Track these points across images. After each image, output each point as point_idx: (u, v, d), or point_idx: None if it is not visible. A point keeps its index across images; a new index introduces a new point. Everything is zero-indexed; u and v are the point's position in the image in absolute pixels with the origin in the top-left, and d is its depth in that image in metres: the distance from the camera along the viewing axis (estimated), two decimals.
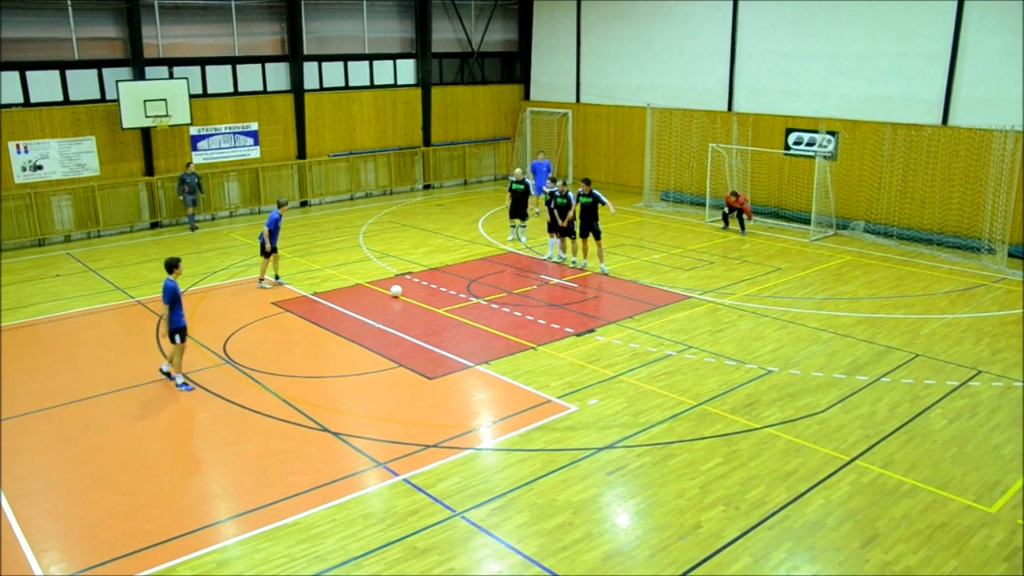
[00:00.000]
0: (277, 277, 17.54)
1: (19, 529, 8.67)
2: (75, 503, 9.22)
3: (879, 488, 9.21)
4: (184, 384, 12.20)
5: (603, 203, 17.44)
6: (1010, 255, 18.54)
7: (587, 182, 17.72)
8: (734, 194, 21.61)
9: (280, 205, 17.42)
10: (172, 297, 11.88)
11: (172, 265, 12.14)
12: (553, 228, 18.60)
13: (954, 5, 19.45)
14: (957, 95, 19.79)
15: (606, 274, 17.64)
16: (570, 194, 18.06)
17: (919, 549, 8.09)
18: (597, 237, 17.71)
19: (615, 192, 27.02)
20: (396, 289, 16.47)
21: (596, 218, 17.61)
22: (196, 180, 22.84)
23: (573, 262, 18.43)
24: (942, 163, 20.00)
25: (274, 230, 16.99)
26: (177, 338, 12.04)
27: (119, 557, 8.16)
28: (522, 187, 20.20)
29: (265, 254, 17.18)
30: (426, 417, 11.25)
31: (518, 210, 20.39)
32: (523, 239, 20.82)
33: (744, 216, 21.65)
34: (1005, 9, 18.68)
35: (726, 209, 21.94)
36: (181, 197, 22.87)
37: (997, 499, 8.96)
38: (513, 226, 20.82)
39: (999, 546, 8.13)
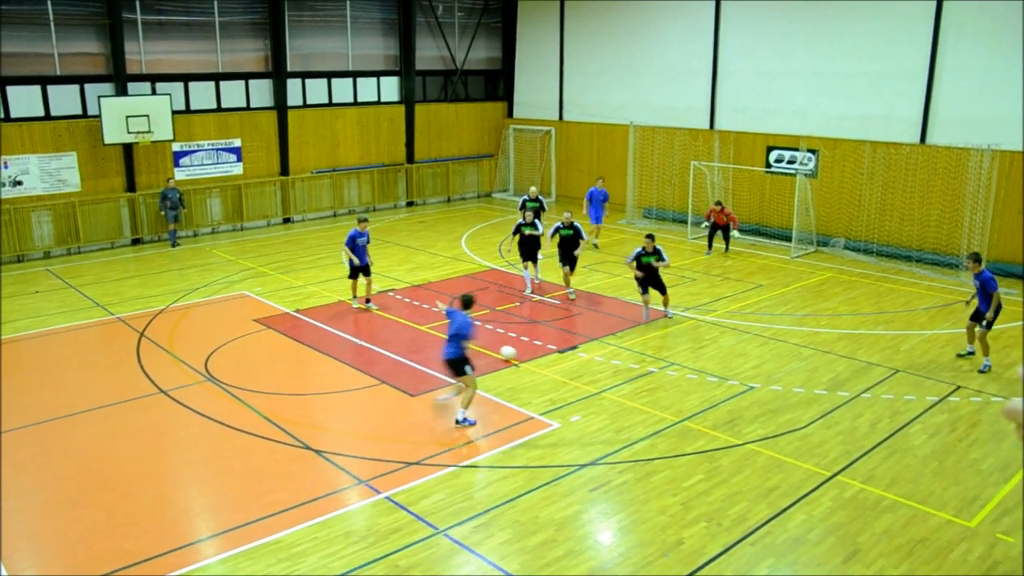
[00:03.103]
0: (367, 300, 16.69)
1: None
2: (53, 521, 9.11)
3: (860, 503, 9.26)
4: (468, 419, 11.30)
5: (583, 238, 17.38)
6: None
7: (569, 215, 17.49)
8: (719, 203, 21.28)
9: (359, 222, 16.41)
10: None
11: (472, 302, 11.55)
12: (528, 257, 17.81)
13: (931, 26, 19.77)
14: (934, 114, 20.08)
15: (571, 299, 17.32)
16: (576, 224, 17.37)
17: (900, 564, 8.14)
18: (573, 267, 17.48)
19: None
20: (508, 351, 13.86)
21: (576, 248, 17.38)
22: (178, 196, 22.76)
23: (569, 292, 17.50)
24: (920, 181, 20.25)
25: (352, 248, 16.19)
26: (468, 369, 11.25)
27: None
28: (536, 204, 20.17)
29: (351, 275, 16.63)
30: (408, 434, 11.22)
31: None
32: (540, 256, 20.81)
33: (731, 227, 21.36)
34: (981, 30, 19.02)
35: (708, 222, 21.51)
36: (163, 213, 22.78)
37: (976, 513, 9.03)
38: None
39: (979, 560, 8.19)
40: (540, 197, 20.69)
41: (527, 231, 17.52)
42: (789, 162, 22.79)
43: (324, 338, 15.06)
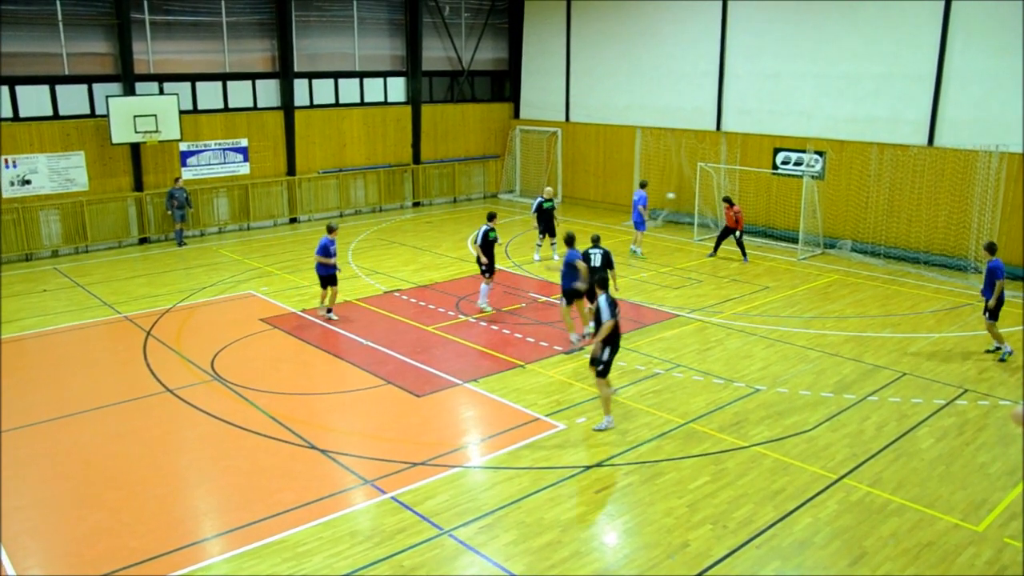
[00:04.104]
0: (329, 310, 16.01)
1: (1, 547, 8.57)
2: (59, 520, 9.13)
3: (867, 507, 9.23)
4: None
5: (611, 267, 14.55)
6: None
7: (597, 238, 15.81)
8: (727, 199, 20.47)
9: (330, 231, 15.73)
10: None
11: (573, 238, 14.29)
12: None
13: (939, 28, 19.70)
14: (942, 116, 20.00)
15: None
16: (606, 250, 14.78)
17: (907, 568, 8.10)
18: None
19: (603, 211, 27.20)
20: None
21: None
22: (185, 195, 22.81)
23: (586, 334, 14.42)
24: (928, 183, 20.18)
25: (325, 257, 15.49)
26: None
27: (103, 575, 8.07)
28: (551, 204, 20.32)
29: (321, 284, 15.91)
30: (414, 435, 11.22)
31: (547, 227, 20.56)
32: (556, 256, 20.81)
33: (738, 233, 20.58)
34: (989, 32, 18.94)
35: (724, 215, 20.58)
36: (170, 212, 22.83)
37: (984, 518, 8.99)
38: (539, 244, 20.98)
39: (986, 565, 8.15)
40: (554, 199, 20.72)
41: (493, 236, 16.35)
42: (796, 164, 22.73)
43: (330, 338, 15.07)
